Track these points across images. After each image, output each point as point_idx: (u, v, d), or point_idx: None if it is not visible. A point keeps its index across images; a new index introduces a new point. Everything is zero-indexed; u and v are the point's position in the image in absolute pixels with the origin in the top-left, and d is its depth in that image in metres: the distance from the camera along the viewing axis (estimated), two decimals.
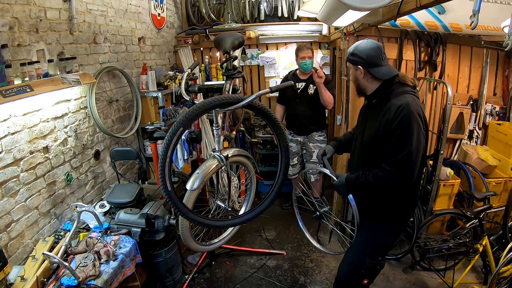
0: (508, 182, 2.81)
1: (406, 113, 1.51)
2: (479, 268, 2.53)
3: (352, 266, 1.88)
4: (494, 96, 3.17)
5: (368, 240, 1.82)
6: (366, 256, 1.79)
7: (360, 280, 1.82)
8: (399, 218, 1.78)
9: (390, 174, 1.55)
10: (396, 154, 1.54)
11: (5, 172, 1.69)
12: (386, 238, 1.80)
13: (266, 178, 4.02)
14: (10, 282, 1.61)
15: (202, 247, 2.13)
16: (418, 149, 1.53)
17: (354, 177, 1.69)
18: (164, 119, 2.93)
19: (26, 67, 1.71)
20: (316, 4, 2.80)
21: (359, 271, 1.81)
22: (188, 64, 3.82)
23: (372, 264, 1.79)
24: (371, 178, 1.61)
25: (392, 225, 1.78)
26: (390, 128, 1.55)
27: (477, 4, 1.07)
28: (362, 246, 1.85)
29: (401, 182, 1.57)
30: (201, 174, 1.69)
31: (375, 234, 1.79)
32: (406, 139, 1.52)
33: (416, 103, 1.57)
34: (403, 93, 1.59)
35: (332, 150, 2.02)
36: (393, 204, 1.72)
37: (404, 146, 1.52)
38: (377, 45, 1.62)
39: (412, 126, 1.51)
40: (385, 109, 1.59)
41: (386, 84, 1.64)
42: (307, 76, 3.25)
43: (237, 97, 1.51)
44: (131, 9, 2.96)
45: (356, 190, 1.72)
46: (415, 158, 1.53)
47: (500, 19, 2.10)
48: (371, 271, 1.82)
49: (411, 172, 1.55)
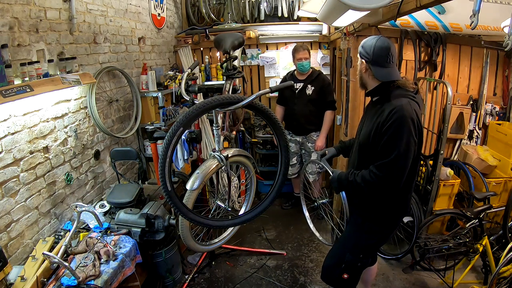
0: (508, 182, 2.80)
1: (398, 117, 1.49)
2: (479, 268, 2.52)
3: (333, 258, 1.93)
4: (494, 96, 3.17)
5: (351, 236, 1.86)
6: (347, 251, 1.82)
7: (340, 273, 1.84)
8: (384, 221, 1.78)
9: (375, 177, 1.55)
10: (384, 157, 1.53)
11: (5, 172, 1.69)
12: (369, 238, 1.80)
13: (266, 178, 4.02)
14: (10, 282, 1.61)
15: (202, 247, 2.13)
16: (407, 155, 1.51)
17: (344, 175, 1.71)
18: (164, 119, 2.93)
19: (26, 67, 1.71)
20: (316, 4, 2.80)
21: (339, 265, 1.84)
22: (188, 64, 3.82)
23: (352, 260, 1.81)
24: (359, 179, 1.62)
25: (376, 227, 1.78)
26: (381, 131, 1.54)
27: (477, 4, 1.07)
28: (345, 241, 1.91)
29: (387, 186, 1.57)
30: (201, 174, 1.69)
31: (359, 232, 1.82)
32: (395, 143, 1.50)
33: (411, 107, 1.54)
34: (400, 96, 1.57)
35: (333, 152, 2.03)
36: (379, 206, 1.73)
37: (392, 150, 1.50)
38: (387, 45, 1.58)
39: (402, 131, 1.49)
40: (380, 111, 1.59)
41: (384, 86, 1.63)
42: (305, 77, 3.25)
43: (237, 97, 1.51)
44: (131, 9, 2.96)
45: (345, 188, 1.75)
46: (403, 164, 1.51)
47: (500, 19, 2.10)
48: (351, 267, 1.83)
49: (397, 177, 1.54)
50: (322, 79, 3.25)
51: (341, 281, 1.85)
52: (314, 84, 3.23)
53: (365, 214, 1.78)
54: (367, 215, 1.78)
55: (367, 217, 1.78)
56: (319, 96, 3.23)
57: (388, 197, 1.68)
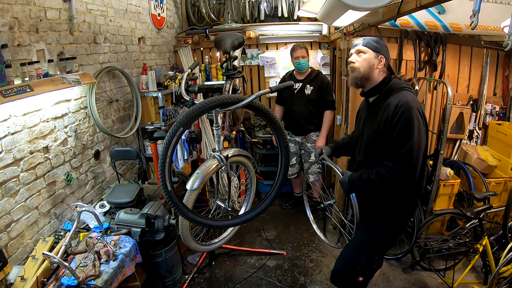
0: (508, 182, 2.81)
1: (406, 108, 1.51)
2: (479, 268, 2.53)
3: (347, 262, 1.89)
4: (494, 96, 3.17)
5: (366, 241, 1.82)
6: (362, 255, 1.80)
7: (355, 276, 1.82)
8: (397, 220, 1.77)
9: (392, 171, 1.54)
10: (398, 149, 1.53)
11: (5, 172, 1.69)
12: (384, 240, 1.80)
13: (266, 178, 4.02)
14: (10, 282, 1.61)
15: (202, 247, 2.13)
16: (420, 144, 1.52)
17: (357, 175, 1.68)
18: (164, 119, 2.93)
19: (26, 67, 1.71)
20: (316, 4, 2.80)
21: (354, 268, 1.82)
22: (188, 64, 3.82)
23: (367, 263, 1.80)
24: (374, 176, 1.61)
25: (391, 229, 1.78)
26: (391, 125, 1.55)
27: (477, 4, 1.07)
28: (359, 245, 1.85)
29: (404, 178, 1.56)
30: (201, 174, 1.69)
31: (373, 234, 1.79)
32: (408, 133, 1.51)
33: (415, 99, 1.57)
34: (400, 90, 1.60)
35: (329, 151, 2.02)
36: (393, 205, 1.71)
37: (406, 141, 1.51)
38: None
39: (412, 121, 1.50)
40: (384, 107, 1.60)
41: (384, 83, 1.65)
42: (304, 76, 3.25)
43: (237, 97, 1.51)
44: (131, 9, 2.96)
45: (358, 189, 1.71)
46: (418, 153, 1.52)
47: (500, 19, 2.10)
48: (367, 269, 1.82)
49: (414, 167, 1.54)
50: (321, 78, 3.24)
51: (355, 284, 1.83)
52: (313, 84, 3.22)
53: (379, 216, 1.75)
54: (381, 217, 1.75)
55: (381, 218, 1.75)
56: (318, 96, 3.22)
57: (403, 192, 1.67)
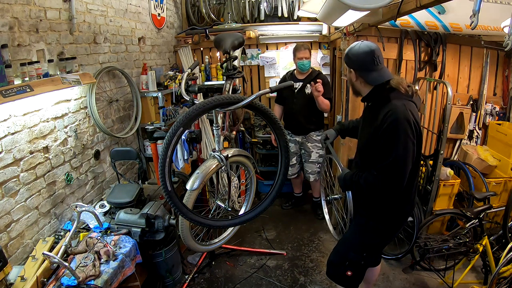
0: (508, 182, 2.81)
1: (393, 119, 1.49)
2: (479, 268, 2.53)
3: (337, 255, 1.96)
4: (494, 96, 3.17)
5: (355, 235, 1.89)
6: (350, 250, 1.85)
7: (344, 270, 1.86)
8: (388, 221, 1.79)
9: (376, 180, 1.58)
10: (383, 160, 1.54)
11: (5, 172, 1.69)
12: (372, 237, 1.83)
13: (266, 178, 4.02)
14: (10, 282, 1.61)
15: (202, 247, 2.14)
16: (405, 156, 1.51)
17: (350, 175, 1.74)
18: (164, 119, 2.93)
19: (26, 67, 1.71)
20: (316, 4, 2.80)
21: (343, 262, 1.87)
22: (188, 64, 3.81)
23: (355, 258, 1.83)
24: (362, 180, 1.65)
25: (380, 226, 1.80)
26: (377, 135, 1.56)
27: (477, 4, 1.07)
28: (349, 239, 1.94)
29: (389, 187, 1.58)
30: (201, 174, 1.70)
31: (363, 231, 1.84)
32: (392, 145, 1.51)
33: (406, 108, 1.53)
34: (394, 98, 1.56)
35: (334, 135, 2.06)
36: (383, 206, 1.74)
37: (390, 153, 1.51)
38: (371, 49, 1.57)
39: (398, 133, 1.49)
40: (376, 114, 1.60)
41: (378, 89, 1.62)
42: (304, 76, 3.25)
43: (237, 97, 1.51)
44: (131, 9, 2.96)
45: (350, 188, 1.80)
46: (402, 165, 1.52)
47: (500, 19, 2.10)
48: (355, 265, 1.85)
49: (398, 179, 1.54)
50: (321, 78, 3.25)
51: (345, 278, 1.88)
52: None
53: (369, 214, 1.80)
54: (371, 215, 1.79)
55: (371, 216, 1.79)
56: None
57: (391, 197, 1.69)
